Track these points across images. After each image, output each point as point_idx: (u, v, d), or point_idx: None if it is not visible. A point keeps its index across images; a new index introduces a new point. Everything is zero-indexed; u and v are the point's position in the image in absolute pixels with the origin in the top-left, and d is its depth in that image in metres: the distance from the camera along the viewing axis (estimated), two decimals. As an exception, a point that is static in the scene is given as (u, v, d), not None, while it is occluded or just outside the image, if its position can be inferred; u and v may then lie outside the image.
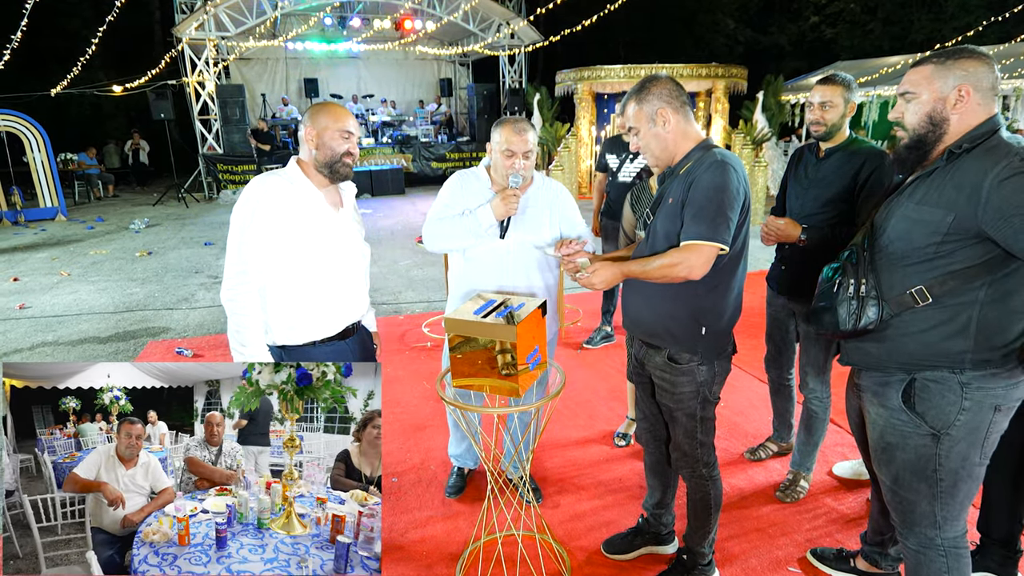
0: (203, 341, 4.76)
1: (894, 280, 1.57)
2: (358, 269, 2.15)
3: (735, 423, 3.28)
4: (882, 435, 1.65)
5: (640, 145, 1.91)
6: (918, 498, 1.61)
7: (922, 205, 1.52)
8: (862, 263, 1.61)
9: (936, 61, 1.53)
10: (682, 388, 1.92)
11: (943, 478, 1.57)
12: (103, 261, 7.57)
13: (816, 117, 2.39)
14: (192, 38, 12.25)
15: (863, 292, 1.59)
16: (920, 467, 1.58)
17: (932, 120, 1.53)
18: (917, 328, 1.54)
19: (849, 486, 2.71)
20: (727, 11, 22.31)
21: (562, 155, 10.68)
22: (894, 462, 1.64)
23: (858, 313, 1.59)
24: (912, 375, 1.57)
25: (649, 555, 2.32)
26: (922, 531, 1.64)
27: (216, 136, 12.93)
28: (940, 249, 1.49)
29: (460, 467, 2.75)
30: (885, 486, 1.70)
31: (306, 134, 1.98)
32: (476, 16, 14.25)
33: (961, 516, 1.62)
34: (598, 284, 1.83)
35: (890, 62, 13.91)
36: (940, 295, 1.50)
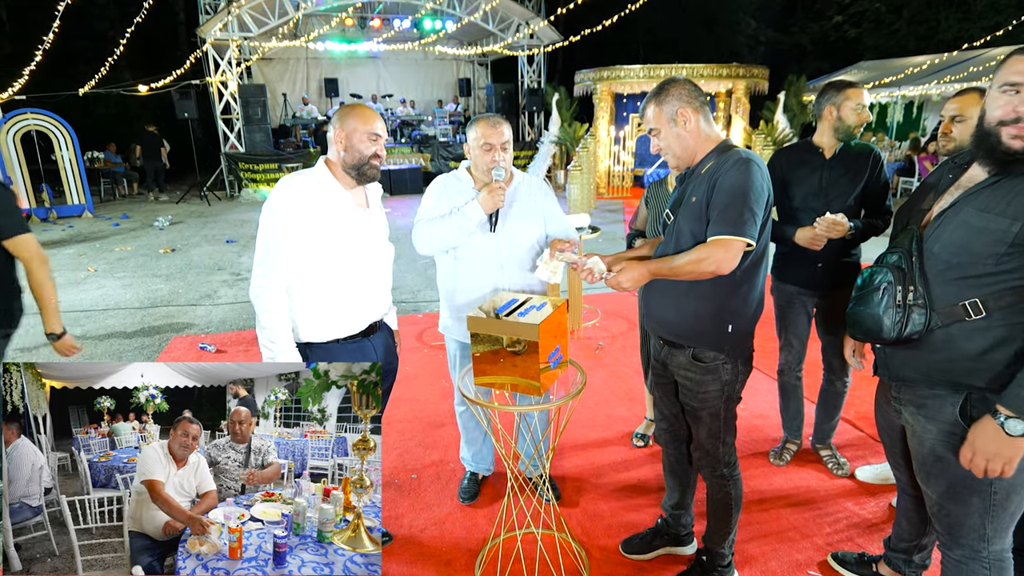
0: (226, 337, 4.83)
1: (947, 290, 1.48)
2: (382, 268, 2.18)
3: (754, 425, 3.26)
4: (932, 450, 1.59)
5: (661, 146, 1.92)
6: (969, 511, 1.56)
7: (985, 213, 1.42)
8: (911, 270, 1.53)
9: None
10: (707, 387, 1.92)
11: (997, 491, 1.51)
12: (128, 257, 7.72)
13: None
14: (216, 39, 12.44)
15: (911, 300, 1.51)
16: (973, 481, 1.52)
17: None
18: (974, 347, 1.46)
19: (871, 491, 2.68)
20: (748, 11, 22.08)
21: (581, 155, 10.66)
22: (945, 476, 1.58)
23: (903, 321, 1.52)
24: (967, 392, 1.50)
25: (668, 556, 2.32)
26: (969, 544, 1.59)
27: (238, 135, 13.11)
28: (1001, 261, 1.41)
29: (473, 472, 2.76)
30: (931, 500, 1.65)
31: (335, 136, 2.00)
32: (495, 16, 14.28)
33: (1010, 529, 1.57)
34: (626, 284, 1.83)
35: (915, 62, 13.68)
36: (995, 310, 1.42)
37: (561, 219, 2.47)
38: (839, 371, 2.75)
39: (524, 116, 15.98)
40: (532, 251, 2.40)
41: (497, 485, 2.77)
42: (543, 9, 15.10)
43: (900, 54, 16.11)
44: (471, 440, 2.69)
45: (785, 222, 2.57)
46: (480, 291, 2.36)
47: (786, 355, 2.83)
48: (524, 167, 13.66)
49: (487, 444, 2.71)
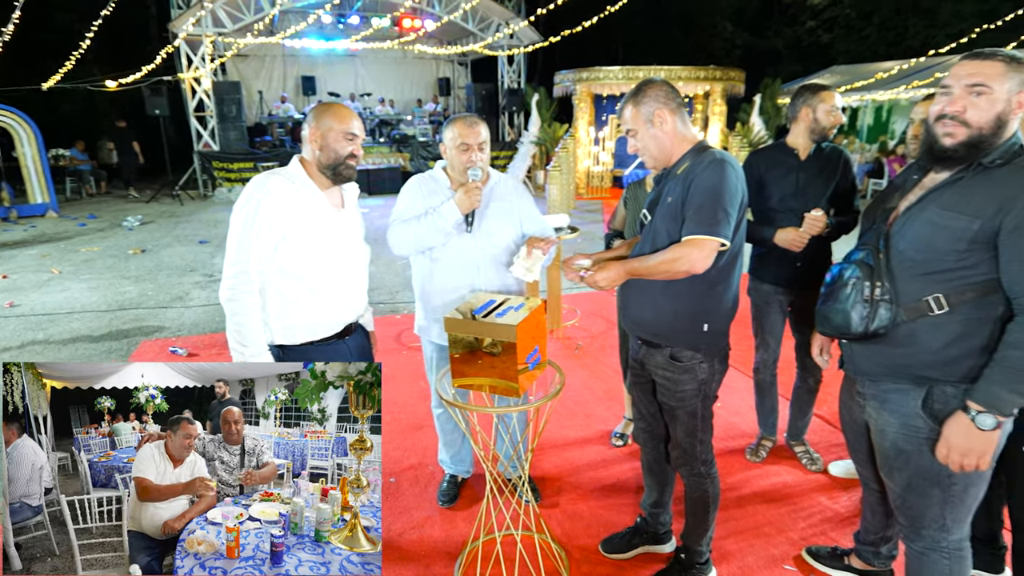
0: (198, 340, 4.74)
1: (911, 286, 1.53)
2: (358, 269, 2.14)
3: (731, 422, 3.29)
4: (894, 443, 1.63)
5: (638, 147, 1.94)
6: (930, 503, 1.61)
7: (947, 211, 1.47)
8: (878, 266, 1.57)
9: (1004, 59, 1.43)
10: (684, 386, 1.93)
11: (956, 483, 1.56)
12: (95, 259, 7.52)
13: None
14: (189, 34, 12.19)
15: (877, 295, 1.55)
16: (934, 473, 1.57)
17: (1000, 121, 1.44)
18: (937, 342, 1.50)
19: (843, 485, 2.72)
20: (725, 14, 22.39)
21: (560, 156, 10.69)
22: (907, 468, 1.62)
23: (870, 316, 1.55)
24: (928, 386, 1.54)
25: (647, 554, 2.33)
26: (930, 534, 1.64)
27: (212, 133, 12.87)
28: (963, 257, 1.45)
29: (452, 474, 2.74)
30: (894, 492, 1.69)
31: (310, 134, 1.96)
32: (476, 16, 14.25)
33: (968, 519, 1.62)
34: (603, 283, 1.85)
35: (884, 67, 13.99)
36: (957, 305, 1.47)
37: (538, 219, 2.46)
38: (812, 368, 2.79)
39: (504, 116, 15.97)
40: (509, 251, 2.39)
41: (476, 487, 2.76)
42: (523, 9, 15.10)
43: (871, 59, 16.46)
44: (449, 442, 2.67)
45: (762, 223, 2.60)
46: (457, 292, 2.34)
47: (762, 353, 2.86)
48: (504, 167, 13.65)
49: (466, 446, 2.69)
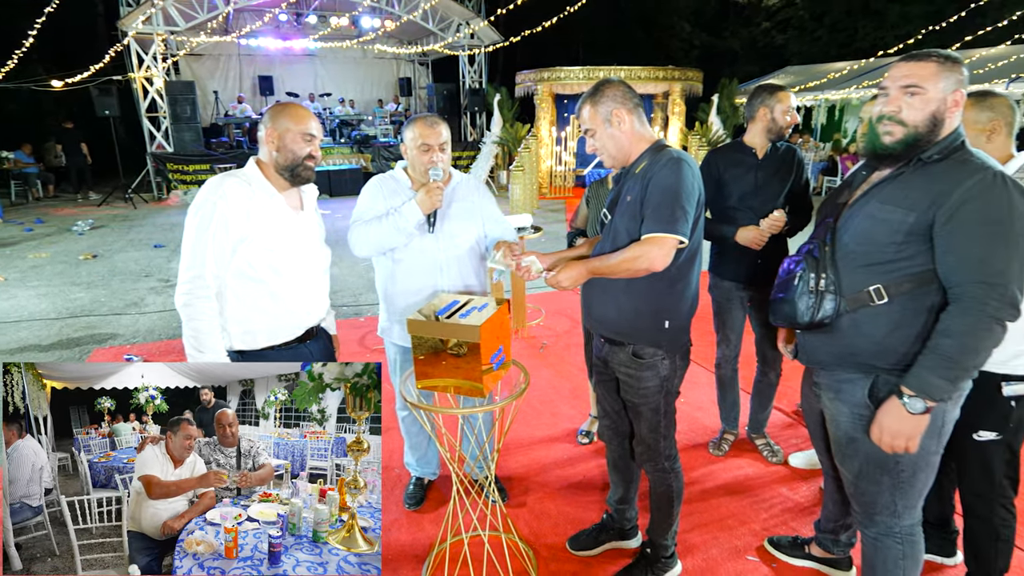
0: (154, 347, 4.58)
1: (854, 277, 1.59)
2: (318, 272, 2.11)
3: (694, 417, 3.35)
4: (846, 431, 1.69)
5: (597, 146, 1.95)
6: (880, 489, 1.66)
7: (886, 204, 1.54)
8: (824, 258, 1.63)
9: (938, 59, 1.48)
10: (647, 383, 1.95)
11: (904, 469, 1.62)
12: (43, 265, 7.21)
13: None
14: (139, 32, 11.78)
15: (822, 287, 1.61)
16: (883, 459, 1.63)
17: (935, 120, 1.49)
18: (878, 331, 1.56)
19: (803, 476, 2.80)
20: (683, 15, 22.78)
21: (523, 156, 10.71)
22: (857, 456, 1.68)
23: (816, 307, 1.61)
24: (874, 375, 1.60)
25: (614, 550, 2.35)
26: (883, 520, 1.69)
27: (165, 134, 12.47)
28: (901, 249, 1.52)
29: (419, 477, 2.71)
30: (848, 479, 1.75)
31: (266, 136, 1.92)
32: (435, 15, 14.16)
33: (919, 505, 1.68)
34: (565, 283, 1.86)
35: (836, 67, 14.46)
36: (896, 295, 1.53)
37: (500, 219, 2.46)
38: (772, 362, 2.86)
39: (466, 116, 15.92)
40: (472, 252, 2.38)
41: (443, 489, 2.74)
42: (483, 9, 15.07)
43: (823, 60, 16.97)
44: (415, 445, 2.65)
45: (722, 221, 2.65)
46: (420, 293, 2.32)
47: (724, 349, 2.92)
48: (467, 167, 13.61)
49: (432, 448, 2.67)
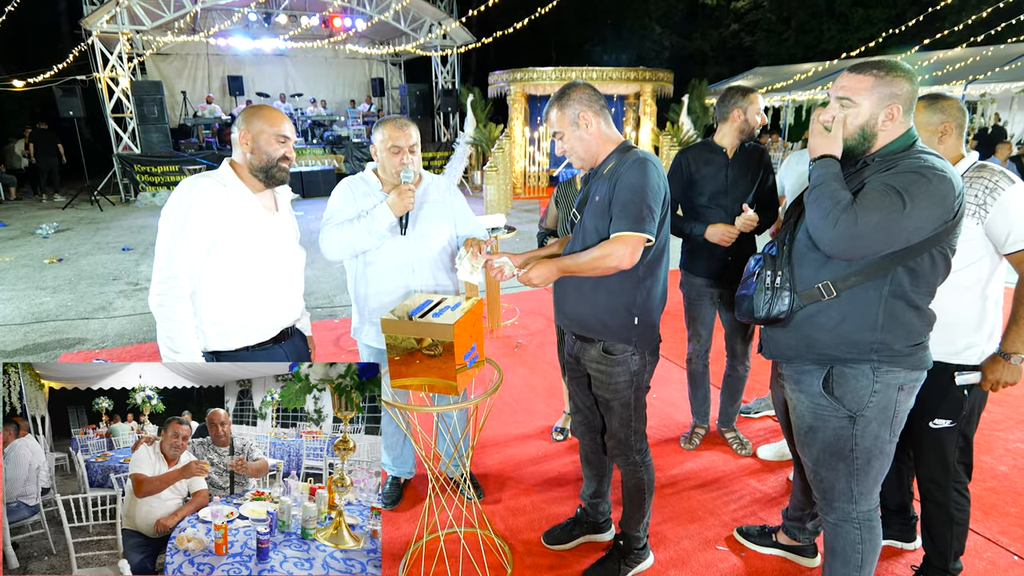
0: (124, 351, 4.51)
1: (806, 274, 1.67)
2: (293, 273, 2.12)
3: (666, 412, 3.42)
4: (804, 419, 1.77)
5: (565, 148, 2.00)
6: (837, 476, 1.74)
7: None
8: (781, 256, 1.71)
9: (876, 73, 1.55)
10: (617, 378, 2.00)
11: (858, 456, 1.70)
12: (7, 269, 7.02)
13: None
14: (103, 31, 11.52)
15: (778, 283, 1.69)
16: (838, 447, 1.71)
17: (864, 134, 1.58)
18: (830, 322, 1.64)
19: (771, 467, 2.89)
20: (654, 16, 23.05)
21: (496, 156, 10.74)
22: (815, 444, 1.75)
23: (771, 302, 1.69)
24: (829, 366, 1.68)
25: (588, 543, 2.39)
26: (840, 506, 1.77)
27: (132, 135, 12.21)
28: None
29: (395, 476, 2.73)
30: (808, 467, 1.82)
31: (240, 137, 1.93)
32: (407, 16, 14.11)
33: (874, 491, 1.76)
34: (536, 281, 1.90)
35: (803, 69, 14.81)
36: (843, 290, 1.61)
37: (471, 219, 2.48)
38: (741, 356, 2.94)
39: (439, 117, 15.90)
40: (444, 252, 2.40)
41: (419, 487, 2.76)
42: (455, 10, 15.07)
43: (790, 61, 17.37)
44: (390, 444, 2.67)
45: (693, 218, 2.72)
46: (392, 295, 2.34)
47: (694, 344, 2.99)
48: (441, 168, 13.60)
49: (407, 447, 2.69)
